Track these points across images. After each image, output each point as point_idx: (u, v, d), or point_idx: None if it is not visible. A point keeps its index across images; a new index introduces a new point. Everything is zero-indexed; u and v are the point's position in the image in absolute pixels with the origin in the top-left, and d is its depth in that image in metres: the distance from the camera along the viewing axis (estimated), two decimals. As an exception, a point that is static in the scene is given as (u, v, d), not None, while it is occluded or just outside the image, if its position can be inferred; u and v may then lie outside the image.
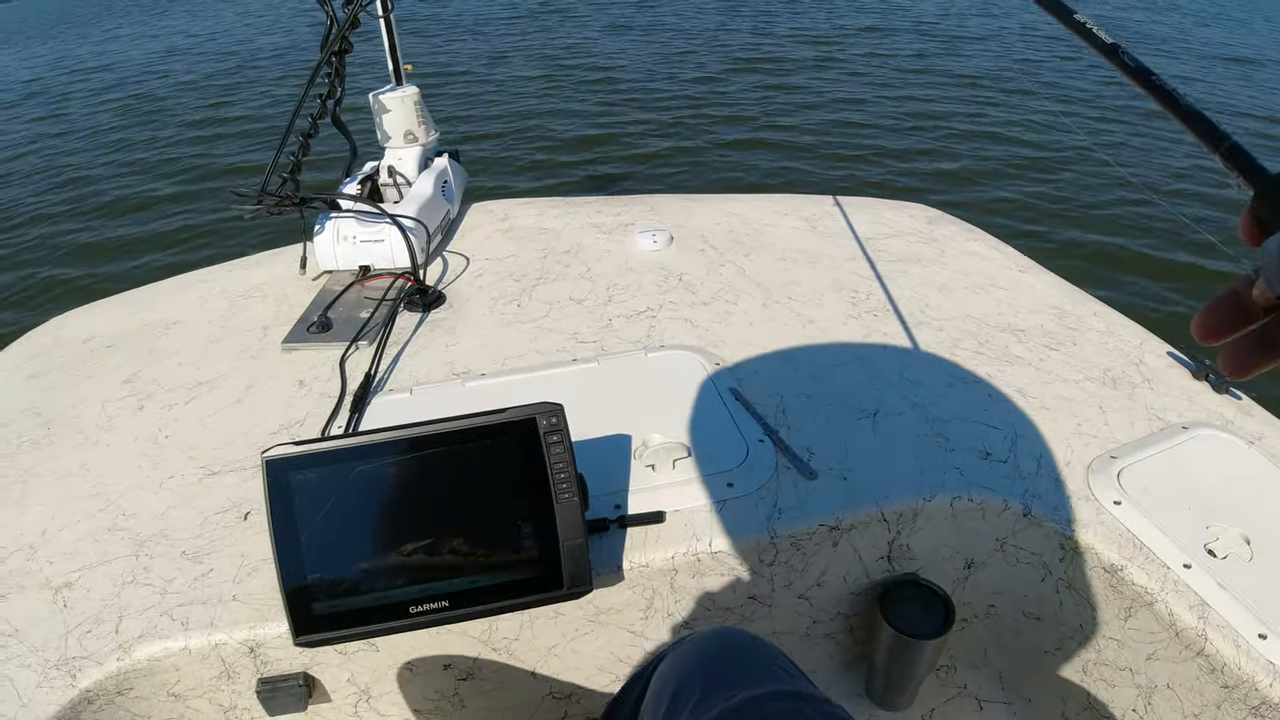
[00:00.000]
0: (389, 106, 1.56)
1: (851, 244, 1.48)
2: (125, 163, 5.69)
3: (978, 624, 1.00)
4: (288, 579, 0.71)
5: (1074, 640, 0.92)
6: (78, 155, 5.91)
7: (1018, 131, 5.34)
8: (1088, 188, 4.47)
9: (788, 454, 0.97)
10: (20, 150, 6.14)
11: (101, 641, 0.80)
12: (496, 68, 7.58)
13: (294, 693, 0.86)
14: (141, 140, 6.14)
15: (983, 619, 1.00)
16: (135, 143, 6.09)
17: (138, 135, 6.26)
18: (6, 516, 0.98)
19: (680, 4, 10.20)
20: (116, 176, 5.40)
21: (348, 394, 1.12)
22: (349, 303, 1.34)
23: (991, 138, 5.28)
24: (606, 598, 0.88)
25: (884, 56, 7.34)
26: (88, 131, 6.48)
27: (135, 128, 6.45)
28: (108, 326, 1.38)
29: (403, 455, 0.73)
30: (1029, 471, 0.93)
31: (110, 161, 5.70)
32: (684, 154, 5.19)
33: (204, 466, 1.02)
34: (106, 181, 5.31)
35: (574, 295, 1.34)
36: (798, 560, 0.90)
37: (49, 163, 5.79)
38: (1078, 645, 0.92)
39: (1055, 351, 1.15)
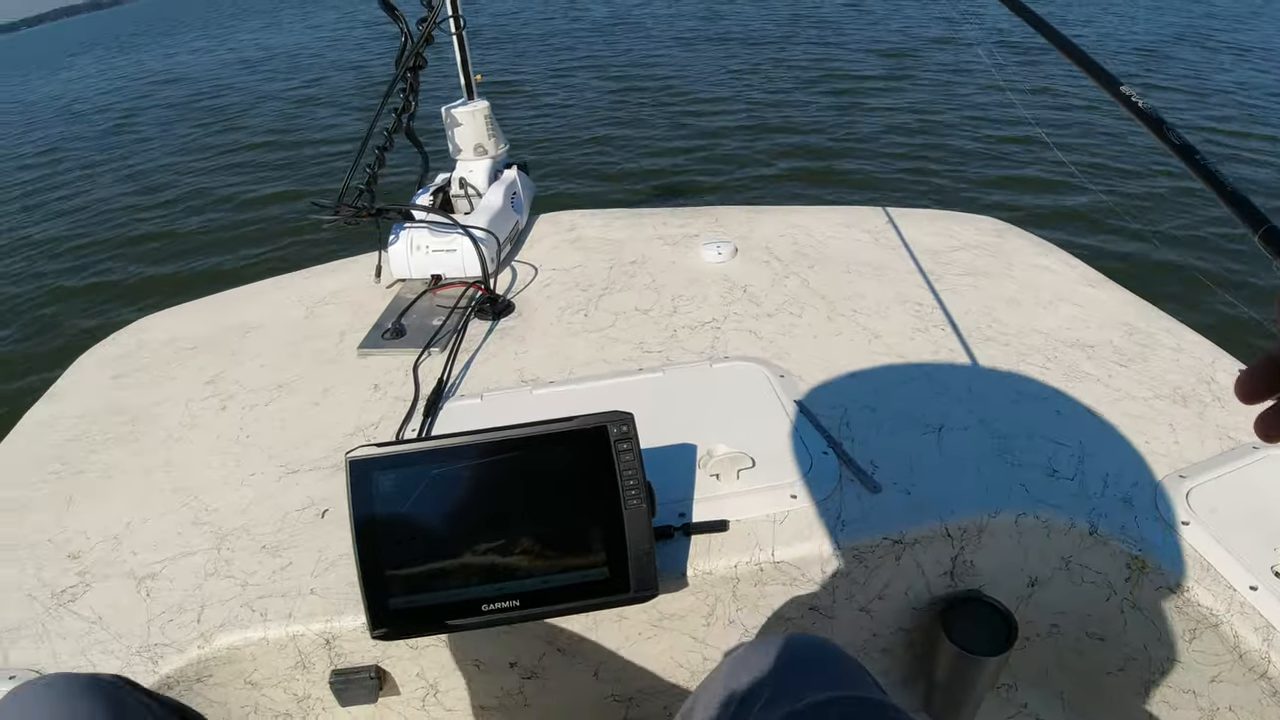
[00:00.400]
0: (460, 120, 1.61)
1: (917, 257, 1.47)
2: (205, 169, 5.94)
3: (1039, 643, 0.99)
4: (367, 574, 0.74)
5: (1137, 661, 0.90)
6: (156, 159, 6.19)
7: (1093, 145, 5.20)
8: (1168, 204, 4.32)
9: (852, 467, 0.97)
10: (101, 157, 6.44)
11: (183, 630, 0.84)
12: (562, 80, 7.72)
13: (365, 685, 0.89)
14: (222, 148, 6.41)
15: (1045, 638, 0.98)
16: (215, 149, 6.35)
17: (218, 142, 6.54)
18: (92, 509, 1.03)
19: (746, 17, 10.20)
20: (195, 180, 5.64)
21: (421, 398, 1.15)
22: (421, 310, 1.38)
23: (1066, 148, 5.15)
24: (670, 603, 0.89)
25: (956, 69, 7.23)
26: (168, 139, 6.78)
27: (216, 134, 6.74)
28: (190, 329, 1.45)
29: (478, 459, 0.75)
30: (1096, 490, 0.92)
31: (191, 168, 5.96)
32: (748, 165, 5.20)
33: (283, 465, 1.06)
34: (184, 187, 5.56)
35: (640, 305, 1.36)
36: (860, 573, 0.90)
37: (133, 167, 6.07)
38: (1141, 666, 0.90)
39: (1125, 368, 1.12)
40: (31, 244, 4.67)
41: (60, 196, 5.55)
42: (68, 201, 5.39)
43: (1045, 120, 5.75)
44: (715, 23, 10.00)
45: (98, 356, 1.42)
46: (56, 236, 4.78)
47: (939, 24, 8.91)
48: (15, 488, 1.10)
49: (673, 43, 9.01)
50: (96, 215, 5.13)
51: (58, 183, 5.93)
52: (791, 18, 10.02)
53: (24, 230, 4.92)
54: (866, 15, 9.96)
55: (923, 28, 8.54)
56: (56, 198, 5.57)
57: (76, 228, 4.88)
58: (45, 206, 5.36)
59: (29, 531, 1.01)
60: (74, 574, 0.93)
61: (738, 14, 10.48)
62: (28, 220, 5.12)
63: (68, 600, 0.89)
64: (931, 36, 8.42)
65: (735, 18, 10.27)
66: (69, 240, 4.69)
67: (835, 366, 1.16)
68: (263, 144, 6.31)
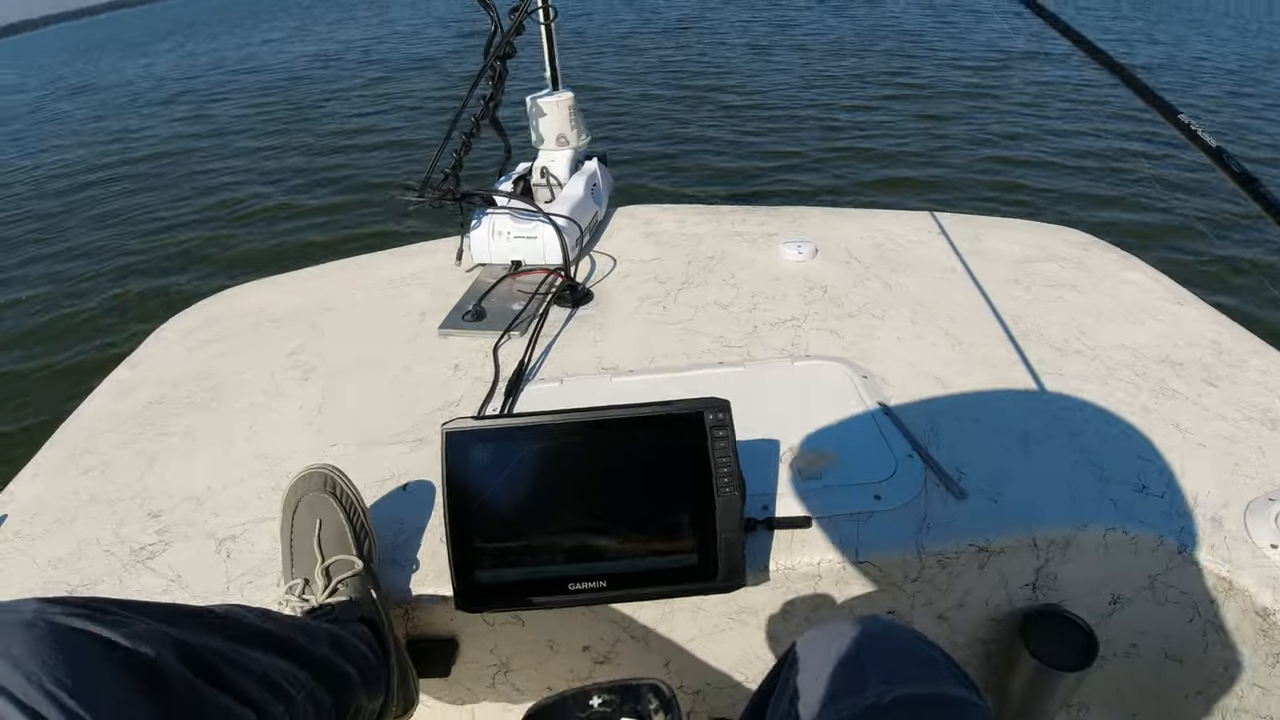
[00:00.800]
0: (545, 110, 1.62)
1: (1002, 266, 1.44)
2: (294, 149, 6.09)
3: (1116, 662, 0.96)
4: (457, 547, 0.75)
5: (1216, 686, 0.88)
6: (245, 141, 6.37)
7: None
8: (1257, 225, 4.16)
9: (937, 472, 0.95)
10: (195, 136, 6.63)
11: (263, 593, 0.86)
12: (636, 80, 7.75)
13: (442, 656, 0.90)
14: (308, 133, 6.57)
15: (1121, 657, 0.96)
16: (301, 135, 6.51)
17: (301, 130, 6.71)
18: (174, 470, 1.06)
19: (823, 26, 10.12)
20: (280, 160, 5.79)
21: (502, 379, 1.17)
22: (501, 294, 1.40)
23: (1152, 159, 5.00)
24: (747, 597, 0.88)
25: (1044, 84, 7.06)
26: (251, 123, 6.97)
27: (298, 124, 6.91)
28: (275, 301, 1.49)
29: (573, 437, 0.75)
30: (1184, 509, 0.89)
31: (281, 148, 6.11)
32: (824, 169, 5.16)
33: (365, 437, 1.08)
34: (269, 169, 5.71)
35: (719, 300, 1.35)
36: (942, 579, 0.89)
37: (223, 147, 6.26)
38: (1220, 691, 0.88)
39: (1214, 388, 1.09)
40: (122, 218, 4.84)
41: (153, 171, 5.75)
42: (162, 176, 5.59)
43: (1135, 135, 5.59)
44: (789, 30, 9.94)
45: (180, 325, 1.46)
46: (142, 209, 4.95)
47: (1026, 38, 8.75)
48: (98, 446, 1.13)
49: (746, 49, 8.98)
50: (180, 191, 5.30)
51: (155, 155, 6.14)
52: (870, 27, 9.91)
53: (116, 203, 5.10)
54: (949, 26, 9.79)
55: (1009, 40, 8.37)
56: (148, 170, 5.78)
57: (162, 204, 5.05)
58: (142, 178, 5.57)
59: (110, 489, 1.04)
60: (154, 532, 0.96)
61: (814, 22, 10.40)
62: (119, 191, 5.31)
63: (146, 557, 0.92)
64: (1020, 50, 8.24)
65: (811, 26, 10.19)
66: (157, 214, 4.86)
67: (919, 371, 1.14)
68: (350, 130, 6.45)
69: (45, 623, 0.46)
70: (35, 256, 4.31)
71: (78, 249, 4.38)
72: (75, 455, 1.11)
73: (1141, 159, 5.13)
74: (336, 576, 0.78)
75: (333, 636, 0.70)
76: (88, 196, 5.18)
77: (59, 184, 5.45)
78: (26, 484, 1.07)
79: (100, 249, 4.34)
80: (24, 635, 0.45)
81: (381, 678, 0.75)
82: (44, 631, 0.46)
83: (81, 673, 0.45)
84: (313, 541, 0.80)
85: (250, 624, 0.63)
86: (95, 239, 4.49)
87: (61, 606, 0.48)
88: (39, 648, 0.45)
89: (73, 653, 0.46)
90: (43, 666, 0.44)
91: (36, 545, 0.96)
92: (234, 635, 0.60)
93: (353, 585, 0.79)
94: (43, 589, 0.88)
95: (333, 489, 0.83)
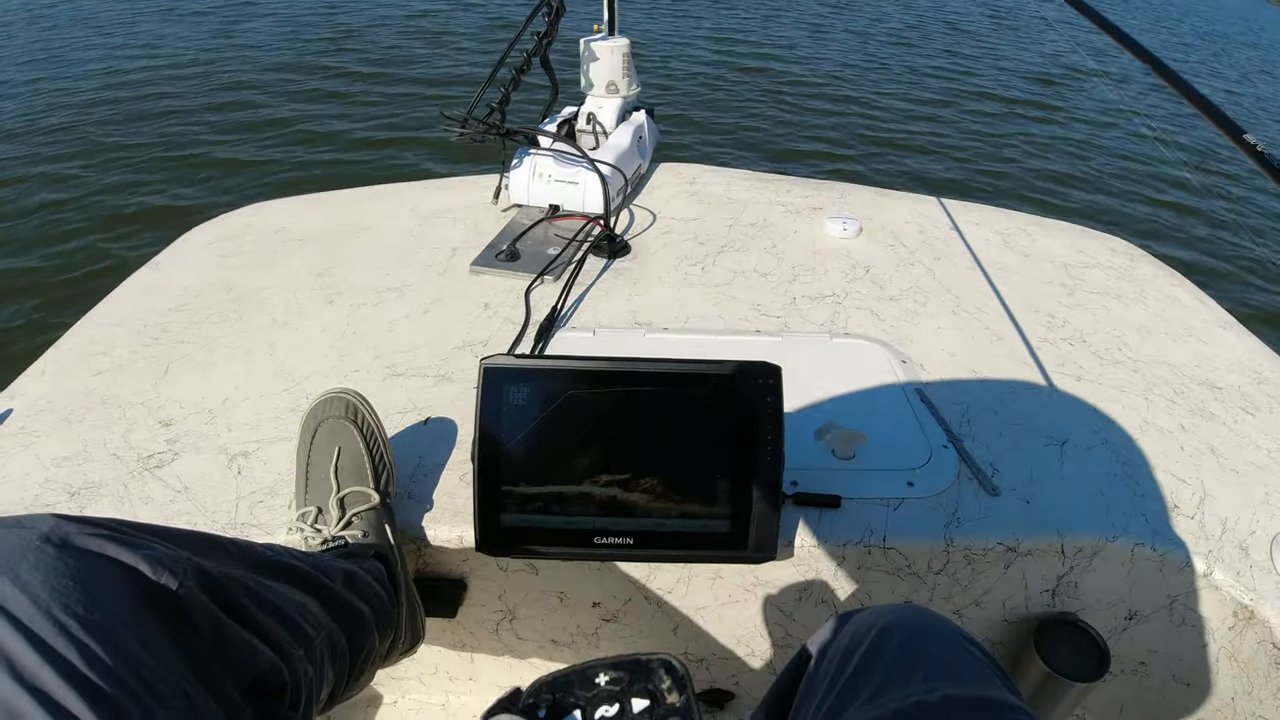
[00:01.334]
0: (599, 55, 1.57)
1: (1048, 267, 1.41)
2: (333, 67, 6.00)
3: (1123, 678, 0.95)
4: (483, 487, 0.72)
5: (1221, 713, 0.88)
6: (285, 54, 6.26)
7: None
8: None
9: (971, 466, 0.93)
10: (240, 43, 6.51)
11: (273, 514, 0.83)
12: (688, 45, 7.62)
13: (449, 597, 0.88)
14: (354, 49, 6.45)
15: (1129, 674, 0.95)
16: (344, 54, 6.40)
17: (349, 44, 6.59)
18: (189, 380, 1.04)
19: (881, 13, 9.93)
20: (323, 79, 5.71)
21: (532, 323, 1.14)
22: (536, 237, 1.36)
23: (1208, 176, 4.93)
24: (768, 571, 0.86)
25: (1106, 105, 6.96)
26: (299, 35, 6.84)
27: (347, 40, 6.79)
28: (302, 221, 1.45)
29: (615, 387, 0.73)
30: (1214, 533, 0.88)
31: (322, 65, 6.01)
32: (872, 151, 5.09)
33: (389, 367, 1.05)
34: (306, 83, 5.62)
35: (759, 268, 1.32)
36: (965, 574, 0.87)
37: (260, 60, 6.15)
38: (1224, 718, 0.88)
39: (1251, 416, 1.08)
40: (147, 128, 4.77)
41: (181, 85, 5.67)
42: (191, 89, 5.50)
43: (1189, 147, 5.50)
44: (847, 13, 9.72)
45: (207, 234, 1.43)
46: (171, 119, 4.88)
47: (1089, 50, 8.60)
48: (112, 347, 1.10)
49: (807, 28, 8.80)
50: (215, 98, 5.22)
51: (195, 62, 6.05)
52: (922, 19, 9.73)
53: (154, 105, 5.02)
54: (1014, 35, 9.58)
55: (1071, 52, 8.23)
56: (175, 82, 5.70)
57: (190, 116, 4.98)
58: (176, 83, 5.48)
59: (121, 392, 1.02)
60: (163, 440, 0.93)
61: (874, 7, 10.18)
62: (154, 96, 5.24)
63: (154, 466, 0.90)
64: (1077, 63, 8.09)
65: (870, 12, 9.95)
66: (184, 127, 4.79)
67: (958, 362, 1.11)
68: (394, 58, 6.33)
69: (60, 541, 0.42)
70: (59, 154, 4.25)
71: (100, 155, 4.31)
72: (89, 355, 1.08)
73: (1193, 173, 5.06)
74: (351, 509, 0.76)
75: (347, 574, 0.68)
76: (112, 101, 5.10)
77: (89, 86, 5.37)
78: (35, 380, 1.04)
79: (123, 158, 4.28)
80: (35, 555, 0.40)
81: (393, 616, 0.73)
82: (57, 552, 0.41)
83: (96, 601, 0.41)
84: (330, 469, 0.78)
85: (270, 556, 0.60)
86: (122, 147, 4.43)
87: (79, 525, 0.43)
88: (51, 570, 0.40)
89: (89, 578, 0.41)
90: (53, 592, 0.39)
91: (41, 442, 0.93)
92: (256, 565, 0.57)
93: (367, 519, 0.76)
94: (42, 487, 0.86)
95: (355, 416, 0.81)
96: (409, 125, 4.92)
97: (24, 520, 0.42)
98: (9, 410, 0.98)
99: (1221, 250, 4.21)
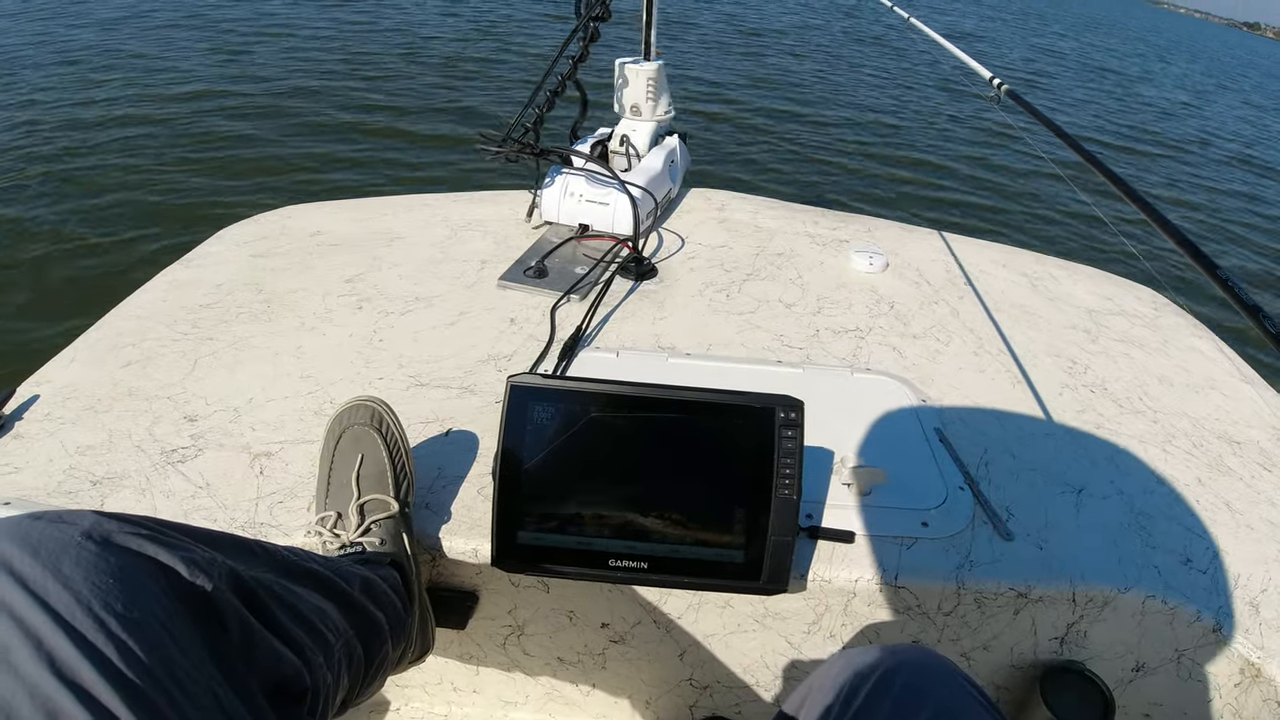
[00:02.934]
0: (634, 78, 1.59)
1: (1073, 313, 1.41)
2: (375, 83, 6.09)
3: None
4: (503, 502, 0.73)
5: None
6: (327, 66, 6.37)
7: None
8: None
9: (987, 509, 0.93)
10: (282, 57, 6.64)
11: (292, 515, 0.85)
12: (723, 70, 7.69)
13: (460, 608, 0.89)
14: (394, 70, 6.56)
15: None
16: (387, 66, 6.50)
17: (393, 66, 6.70)
18: (216, 377, 1.05)
19: (919, 57, 10.02)
20: (354, 88, 5.79)
21: (556, 341, 1.15)
22: (565, 256, 1.38)
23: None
24: (778, 602, 0.87)
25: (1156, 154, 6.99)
26: (350, 51, 6.96)
27: (392, 51, 6.90)
28: (335, 226, 1.48)
29: (638, 412, 0.73)
30: (1225, 588, 0.88)
31: (362, 82, 6.11)
32: (901, 190, 5.09)
33: (413, 376, 1.07)
34: (345, 92, 5.71)
35: (783, 298, 1.32)
36: (975, 618, 0.87)
37: (306, 67, 6.26)
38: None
39: (1269, 473, 1.07)
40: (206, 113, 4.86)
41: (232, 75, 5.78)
42: (243, 83, 5.60)
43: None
44: (895, 57, 9.79)
45: (241, 233, 1.45)
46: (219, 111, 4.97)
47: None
48: (142, 340, 1.12)
49: (846, 67, 8.88)
50: (261, 100, 5.31)
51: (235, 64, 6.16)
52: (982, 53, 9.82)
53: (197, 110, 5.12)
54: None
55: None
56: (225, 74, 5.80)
57: (241, 109, 5.07)
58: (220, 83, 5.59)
59: (149, 385, 1.03)
60: (188, 435, 0.95)
61: (909, 45, 10.30)
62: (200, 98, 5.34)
63: (177, 460, 0.91)
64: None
65: (906, 59, 10.02)
66: (230, 119, 4.87)
67: (978, 403, 1.11)
68: (435, 66, 6.43)
69: (101, 539, 0.43)
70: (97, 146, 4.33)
71: (153, 150, 4.39)
72: (118, 347, 1.10)
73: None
74: (371, 516, 0.77)
75: (365, 580, 0.69)
76: (147, 94, 5.21)
77: (130, 81, 5.49)
78: (63, 367, 1.06)
79: (174, 156, 4.35)
80: (77, 551, 0.42)
81: (406, 625, 0.74)
82: (99, 549, 0.42)
83: (135, 599, 0.42)
84: (352, 475, 0.79)
85: (293, 560, 0.61)
86: (174, 144, 4.51)
87: (119, 523, 0.45)
88: (92, 567, 0.41)
89: (128, 575, 0.42)
90: (94, 588, 0.41)
91: (66, 429, 0.95)
92: (282, 569, 0.58)
93: (385, 527, 0.77)
94: (65, 474, 0.88)
95: (379, 424, 0.82)
96: (448, 137, 4.99)
97: (66, 516, 0.44)
98: (36, 396, 1.00)
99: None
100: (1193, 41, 26.66)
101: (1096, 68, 12.64)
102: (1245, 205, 6.60)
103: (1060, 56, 13.60)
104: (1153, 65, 13.01)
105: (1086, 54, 13.34)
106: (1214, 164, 7.89)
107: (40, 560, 0.41)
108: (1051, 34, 12.38)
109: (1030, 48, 13.72)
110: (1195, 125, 9.80)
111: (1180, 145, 8.35)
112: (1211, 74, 16.50)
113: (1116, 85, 11.35)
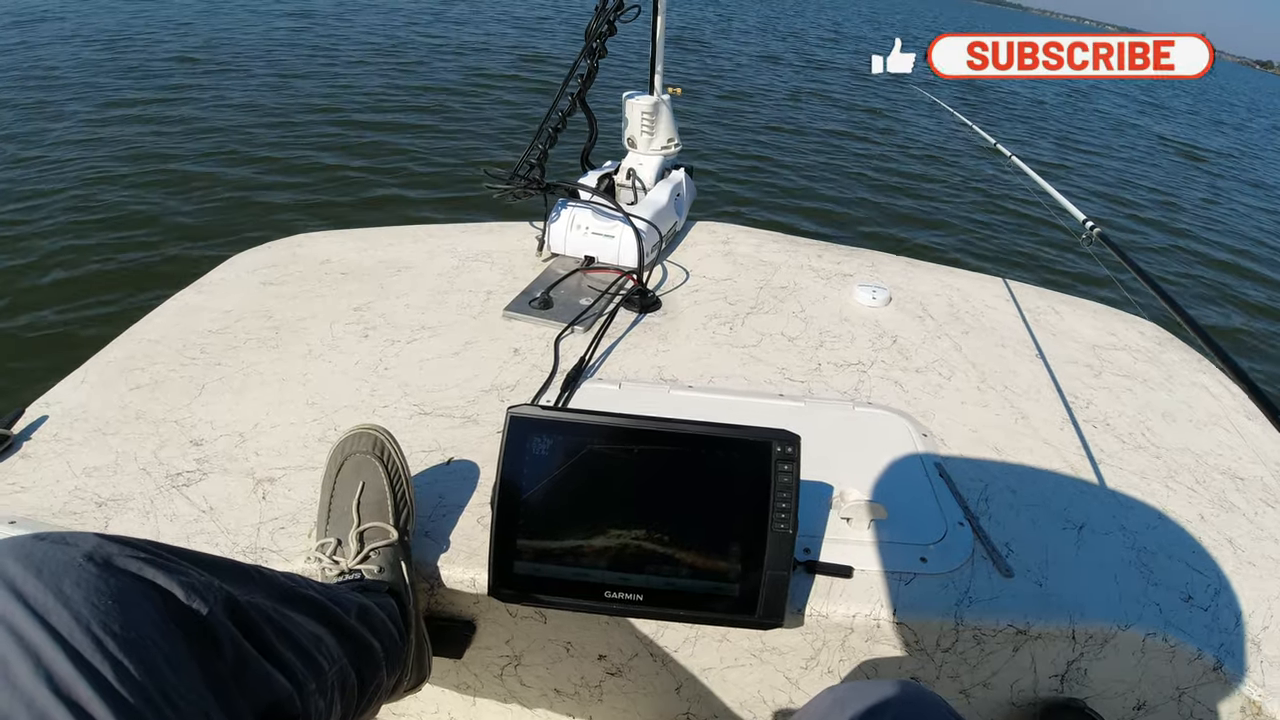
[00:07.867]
0: (640, 111, 1.61)
1: (1075, 347, 1.41)
2: (389, 109, 6.19)
3: None
4: (500, 532, 0.74)
5: None
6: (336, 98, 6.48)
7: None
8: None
9: (986, 545, 0.93)
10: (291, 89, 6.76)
11: (293, 541, 0.85)
12: (730, 104, 7.77)
13: (457, 637, 0.89)
14: (403, 96, 6.67)
15: None
16: (400, 98, 6.61)
17: (403, 90, 6.81)
18: (223, 402, 1.06)
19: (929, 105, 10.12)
20: (371, 124, 5.89)
21: (559, 372, 1.16)
22: (570, 287, 1.39)
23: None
24: (776, 637, 0.86)
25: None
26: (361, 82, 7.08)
27: (404, 81, 7.01)
28: (344, 255, 1.50)
29: (635, 445, 0.74)
30: (1227, 626, 0.87)
31: (371, 111, 6.20)
32: (907, 225, 5.12)
33: (417, 404, 1.08)
34: (361, 124, 5.81)
35: (786, 332, 1.33)
36: (974, 654, 0.86)
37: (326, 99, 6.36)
38: None
39: (1271, 509, 1.07)
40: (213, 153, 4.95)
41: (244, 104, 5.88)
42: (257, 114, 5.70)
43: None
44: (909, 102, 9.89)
45: (253, 260, 1.47)
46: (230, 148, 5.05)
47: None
48: (151, 364, 1.14)
49: (862, 111, 8.97)
50: (268, 132, 5.40)
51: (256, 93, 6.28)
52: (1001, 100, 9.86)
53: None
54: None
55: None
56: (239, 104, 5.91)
57: (248, 139, 5.15)
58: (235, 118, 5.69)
59: (156, 408, 1.04)
60: (193, 459, 0.96)
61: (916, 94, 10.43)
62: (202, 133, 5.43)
63: (182, 484, 0.92)
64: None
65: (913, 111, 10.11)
66: (241, 151, 4.95)
67: (980, 438, 1.11)
68: (439, 101, 6.54)
69: (102, 561, 0.44)
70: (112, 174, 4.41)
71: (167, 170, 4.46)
72: (128, 370, 1.12)
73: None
74: (370, 544, 0.78)
75: (361, 608, 0.69)
76: (182, 120, 5.31)
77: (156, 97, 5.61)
78: (72, 389, 1.08)
79: (188, 177, 4.43)
80: (78, 572, 0.43)
81: (402, 653, 0.74)
82: (99, 571, 0.44)
83: (132, 620, 0.43)
84: (352, 503, 0.79)
85: (290, 587, 0.62)
86: (191, 162, 4.59)
87: (120, 546, 0.46)
88: (93, 588, 0.43)
89: (126, 597, 0.44)
90: (93, 609, 0.42)
91: (73, 450, 0.96)
92: (279, 595, 0.59)
93: (385, 555, 0.78)
94: (71, 495, 0.89)
95: (381, 453, 0.83)
96: (454, 168, 5.06)
97: (69, 537, 0.45)
98: (44, 417, 1.02)
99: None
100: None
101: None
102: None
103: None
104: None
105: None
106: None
107: (42, 579, 0.42)
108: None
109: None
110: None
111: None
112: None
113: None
